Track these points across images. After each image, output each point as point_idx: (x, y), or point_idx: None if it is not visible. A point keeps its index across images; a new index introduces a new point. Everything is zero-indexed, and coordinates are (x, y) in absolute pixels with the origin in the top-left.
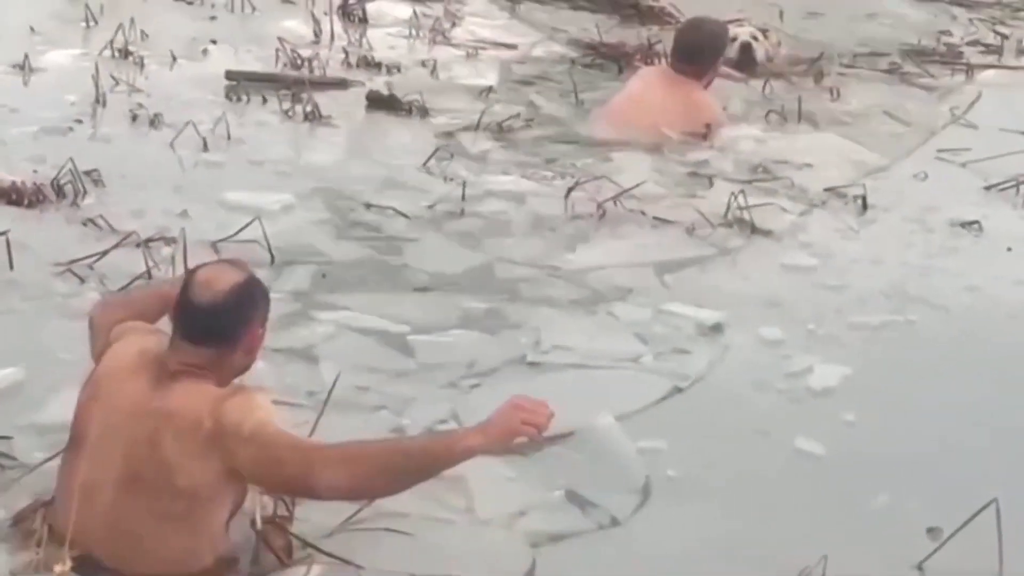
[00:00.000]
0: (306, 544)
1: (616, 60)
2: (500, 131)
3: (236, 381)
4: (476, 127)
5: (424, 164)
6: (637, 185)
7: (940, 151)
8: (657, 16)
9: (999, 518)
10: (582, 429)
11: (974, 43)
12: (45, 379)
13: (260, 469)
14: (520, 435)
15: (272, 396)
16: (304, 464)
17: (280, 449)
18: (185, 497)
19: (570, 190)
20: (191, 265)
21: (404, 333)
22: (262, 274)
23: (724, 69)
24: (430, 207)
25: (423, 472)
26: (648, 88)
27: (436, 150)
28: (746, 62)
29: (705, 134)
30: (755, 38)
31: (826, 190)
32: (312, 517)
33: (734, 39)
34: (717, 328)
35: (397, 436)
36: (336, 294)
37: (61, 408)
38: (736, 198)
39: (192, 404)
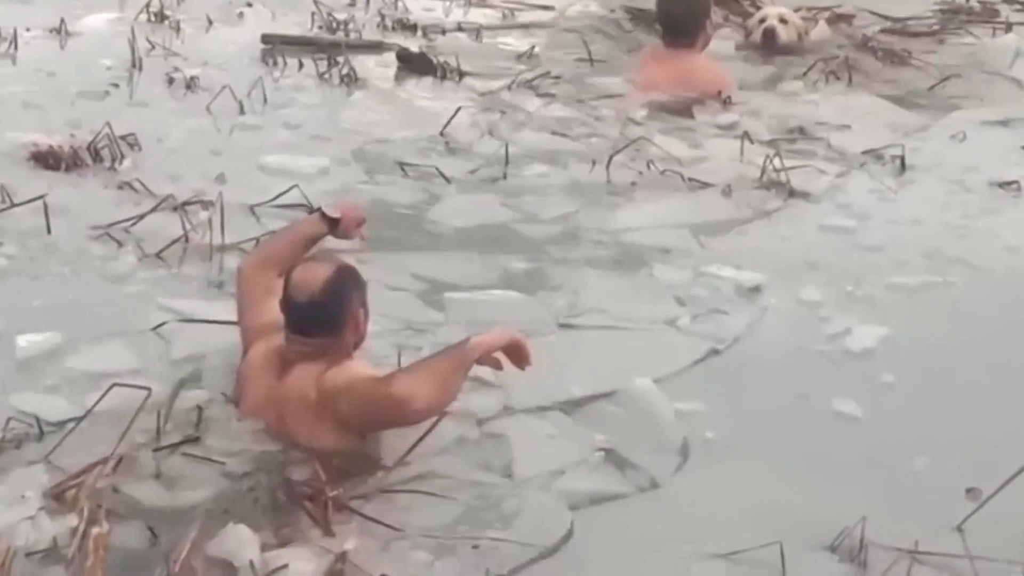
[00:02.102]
0: (344, 508)
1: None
2: (538, 92)
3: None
4: (512, 87)
5: (463, 126)
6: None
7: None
8: None
9: None
10: (620, 390)
11: (1010, 0)
12: (82, 343)
13: (360, 414)
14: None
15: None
16: (393, 395)
17: (370, 389)
18: None
19: (611, 157)
20: (227, 228)
21: (439, 290)
22: None
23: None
24: (472, 172)
25: (464, 373)
26: (647, 72)
27: (476, 112)
28: (769, 46)
29: (722, 99)
30: (783, 20)
31: (864, 152)
32: (349, 481)
33: (762, 21)
34: (755, 290)
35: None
36: (377, 252)
37: (98, 372)
38: (771, 160)
39: (300, 384)
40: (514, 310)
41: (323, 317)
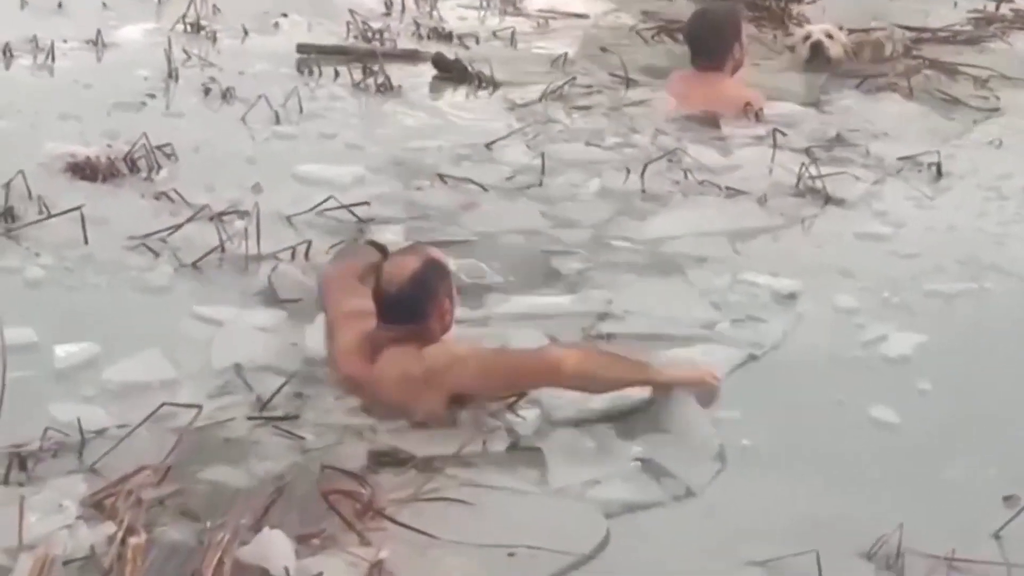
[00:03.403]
0: (377, 514)
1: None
2: (572, 101)
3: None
4: (546, 97)
5: (499, 135)
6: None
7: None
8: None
9: None
10: (657, 398)
11: None
12: (119, 353)
13: (493, 377)
14: (707, 382)
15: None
16: (546, 358)
17: (512, 357)
18: None
19: (645, 166)
20: (263, 237)
21: (478, 293)
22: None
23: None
24: (509, 178)
25: (630, 384)
26: (676, 88)
27: (512, 121)
28: (819, 62)
29: (750, 113)
30: (829, 35)
31: (900, 159)
32: (383, 487)
33: (807, 38)
34: (791, 296)
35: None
36: None
37: (136, 382)
38: (807, 168)
39: (396, 364)
40: (552, 313)
41: (411, 306)
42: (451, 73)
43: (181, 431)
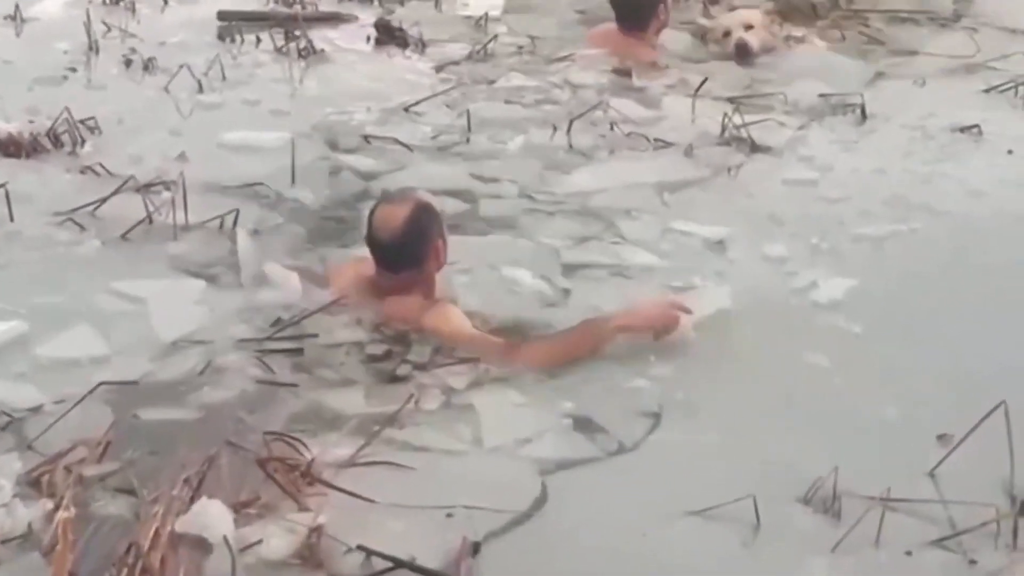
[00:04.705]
0: (316, 480)
1: None
2: (496, 60)
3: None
4: (473, 56)
5: (423, 96)
6: None
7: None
8: None
9: (1008, 421)
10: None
11: None
12: (50, 329)
13: (468, 351)
14: (656, 324)
15: (459, 307)
16: (495, 356)
17: (475, 346)
18: None
19: (571, 122)
20: (190, 207)
21: None
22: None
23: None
24: (433, 137)
25: (587, 355)
26: (594, 42)
27: (435, 82)
28: (746, 57)
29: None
30: (749, 26)
31: (821, 96)
32: (321, 453)
33: (726, 34)
34: (721, 245)
35: (560, 332)
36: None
37: (67, 358)
38: (729, 117)
39: (398, 311)
40: (499, 253)
41: (406, 253)
42: (394, 39)
43: (118, 408)
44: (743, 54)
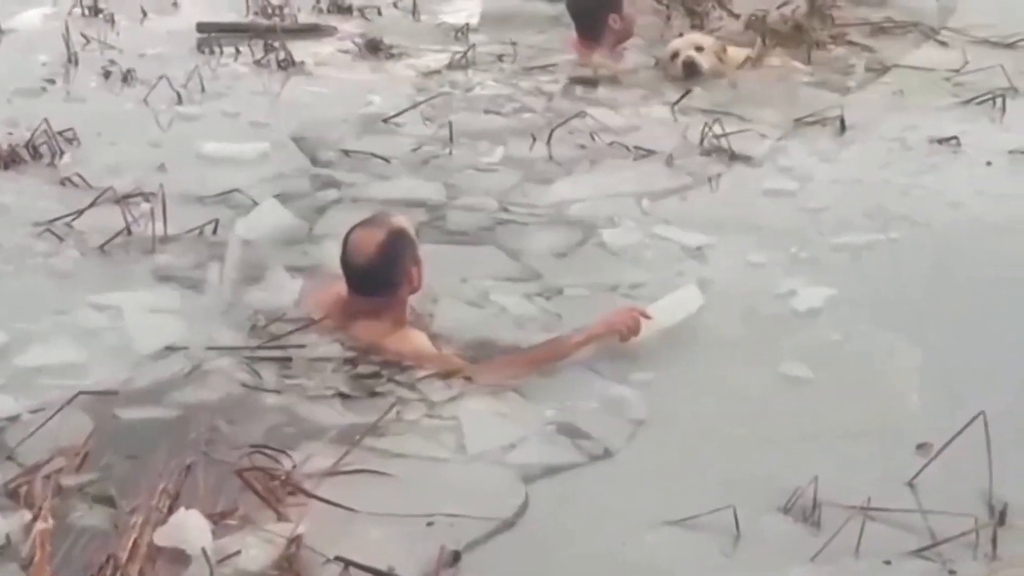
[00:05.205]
0: (295, 489)
1: None
2: (478, 69)
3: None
4: (453, 66)
5: (402, 107)
6: None
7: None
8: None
9: (987, 431)
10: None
11: None
12: (28, 340)
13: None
14: (618, 328)
15: (425, 334)
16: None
17: (436, 366)
18: None
19: (552, 131)
20: (169, 218)
21: None
22: None
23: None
24: (414, 150)
25: (545, 369)
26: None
27: (414, 93)
28: (693, 78)
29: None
30: (699, 48)
31: (796, 121)
32: (301, 462)
33: (674, 55)
34: (700, 253)
35: (521, 351)
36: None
37: (46, 367)
38: (709, 127)
39: (367, 334)
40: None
41: (380, 278)
42: (376, 51)
43: (97, 417)
44: (690, 73)
